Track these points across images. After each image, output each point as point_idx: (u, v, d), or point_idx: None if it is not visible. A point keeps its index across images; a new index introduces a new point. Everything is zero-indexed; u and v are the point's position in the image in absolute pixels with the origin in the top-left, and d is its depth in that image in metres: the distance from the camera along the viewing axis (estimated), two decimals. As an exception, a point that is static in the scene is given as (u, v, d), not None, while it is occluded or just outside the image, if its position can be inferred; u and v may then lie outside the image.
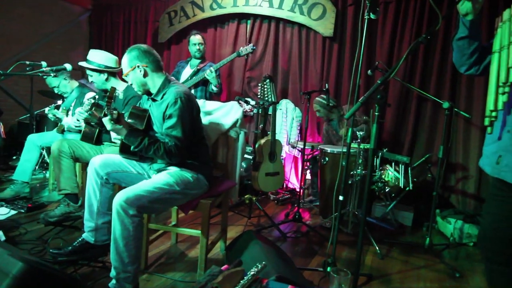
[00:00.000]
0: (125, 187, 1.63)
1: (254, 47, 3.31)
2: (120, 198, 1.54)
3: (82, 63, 2.50)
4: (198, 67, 3.40)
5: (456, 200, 3.28)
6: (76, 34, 5.32)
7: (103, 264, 1.88)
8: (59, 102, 3.45)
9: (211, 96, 3.42)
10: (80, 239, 1.90)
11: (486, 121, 1.18)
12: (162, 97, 1.80)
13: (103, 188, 1.85)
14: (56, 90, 3.15)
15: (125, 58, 1.79)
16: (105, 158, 1.87)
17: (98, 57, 2.50)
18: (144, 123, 1.84)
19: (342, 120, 3.29)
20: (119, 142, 1.89)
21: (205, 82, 3.36)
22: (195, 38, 3.40)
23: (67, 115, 2.96)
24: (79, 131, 2.53)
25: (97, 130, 2.39)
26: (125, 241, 1.55)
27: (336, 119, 3.33)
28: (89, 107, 2.14)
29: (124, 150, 1.83)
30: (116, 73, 2.58)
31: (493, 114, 1.15)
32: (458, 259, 2.47)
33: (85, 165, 2.58)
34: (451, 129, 3.18)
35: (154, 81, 1.81)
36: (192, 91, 3.33)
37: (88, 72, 2.50)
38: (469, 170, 3.22)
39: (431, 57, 3.34)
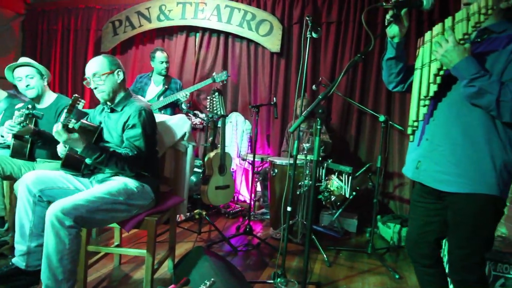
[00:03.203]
0: None
1: (229, 75, 3.27)
2: (55, 208, 1.42)
3: (25, 60, 2.29)
4: (165, 86, 3.31)
5: (394, 206, 3.54)
6: (6, 40, 4.84)
7: (34, 294, 1.70)
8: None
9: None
10: (10, 264, 1.70)
11: (409, 130, 1.31)
12: (122, 109, 1.81)
13: (36, 207, 1.69)
14: None
15: (103, 60, 1.78)
16: (39, 174, 1.73)
17: (36, 62, 2.32)
18: (93, 140, 1.78)
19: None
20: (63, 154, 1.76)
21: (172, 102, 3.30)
22: (163, 56, 3.31)
23: (-8, 129, 2.65)
24: (8, 147, 2.28)
25: (29, 144, 2.18)
26: (59, 255, 1.43)
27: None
28: (22, 118, 1.96)
29: (68, 164, 1.71)
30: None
31: (415, 124, 1.28)
32: (398, 261, 2.65)
33: (13, 184, 2.32)
34: (387, 140, 3.45)
35: (120, 92, 1.85)
36: (162, 112, 3.28)
37: (27, 75, 2.25)
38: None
39: (369, 74, 3.62)
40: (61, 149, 1.77)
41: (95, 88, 1.77)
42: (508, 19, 1.21)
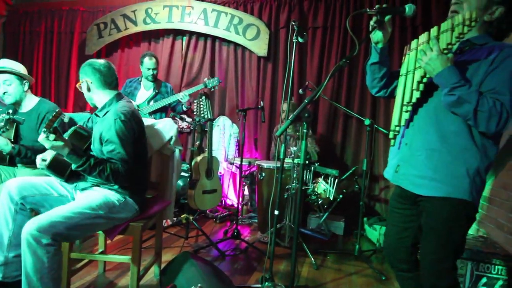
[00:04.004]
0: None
1: (220, 81, 3.33)
2: (30, 226, 1.37)
3: (4, 66, 2.20)
4: (156, 91, 3.29)
5: (380, 208, 3.59)
6: (-14, 42, 4.72)
7: (12, 305, 1.64)
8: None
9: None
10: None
11: (391, 135, 1.33)
12: (104, 114, 1.75)
13: (17, 215, 1.64)
14: None
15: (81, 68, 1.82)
16: (21, 181, 1.68)
17: (16, 65, 2.25)
18: (85, 147, 1.74)
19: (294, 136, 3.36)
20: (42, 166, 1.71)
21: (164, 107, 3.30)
22: (150, 62, 3.26)
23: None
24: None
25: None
26: (39, 275, 1.38)
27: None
28: (2, 123, 1.92)
29: (54, 166, 1.66)
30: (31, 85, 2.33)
31: (397, 129, 1.31)
32: (384, 263, 2.68)
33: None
34: (373, 143, 3.51)
35: (100, 98, 1.80)
36: (152, 116, 3.24)
37: (4, 81, 2.17)
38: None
39: (354, 78, 3.68)
40: (39, 163, 1.69)
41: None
42: (489, 33, 1.26)
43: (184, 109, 3.34)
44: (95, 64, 1.78)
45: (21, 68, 2.27)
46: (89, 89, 1.77)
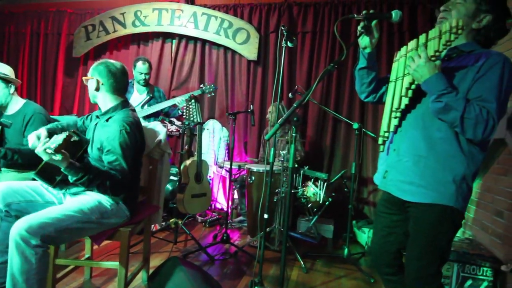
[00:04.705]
0: None
1: (217, 87, 3.38)
2: (20, 227, 1.34)
3: None
4: (150, 95, 3.27)
5: (369, 211, 3.63)
6: (-31, 43, 4.61)
7: (-6, 314, 1.59)
8: None
9: None
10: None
11: (380, 141, 1.35)
12: (107, 120, 1.70)
13: (2, 222, 1.61)
14: None
15: (92, 66, 1.78)
16: (5, 187, 1.64)
17: (1, 68, 2.20)
18: (79, 153, 1.70)
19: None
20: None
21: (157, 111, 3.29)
22: (143, 67, 3.25)
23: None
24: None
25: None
26: (25, 276, 1.35)
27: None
28: None
29: (43, 172, 1.59)
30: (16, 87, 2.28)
31: (386, 135, 1.32)
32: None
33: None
34: (361, 147, 3.54)
35: (105, 100, 1.76)
36: (146, 120, 3.22)
37: None
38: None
39: (343, 83, 3.72)
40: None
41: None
42: (477, 41, 1.27)
43: (180, 113, 3.35)
44: (112, 67, 1.75)
45: (6, 70, 2.23)
46: (97, 89, 1.74)
